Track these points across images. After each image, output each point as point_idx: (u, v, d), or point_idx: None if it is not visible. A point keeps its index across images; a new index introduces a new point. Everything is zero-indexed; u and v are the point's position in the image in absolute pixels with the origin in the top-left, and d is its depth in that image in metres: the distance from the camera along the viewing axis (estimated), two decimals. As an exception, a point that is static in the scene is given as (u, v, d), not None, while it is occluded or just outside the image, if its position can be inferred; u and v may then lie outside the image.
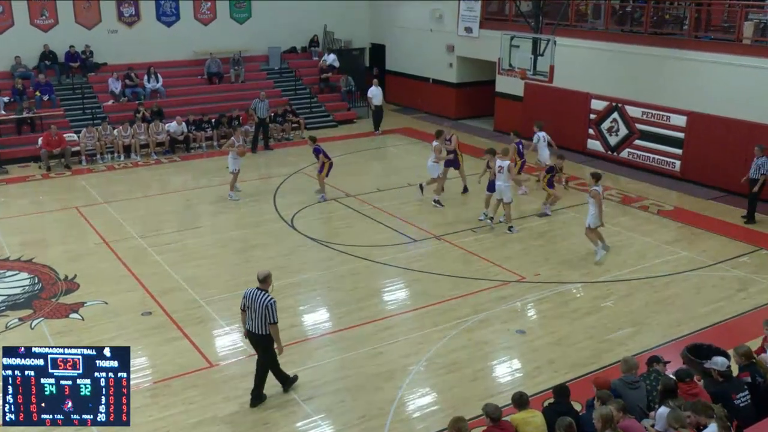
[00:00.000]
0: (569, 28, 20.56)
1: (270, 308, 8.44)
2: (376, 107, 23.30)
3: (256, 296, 8.51)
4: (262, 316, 8.48)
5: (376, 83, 23.35)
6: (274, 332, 8.60)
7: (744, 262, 13.29)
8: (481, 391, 9.18)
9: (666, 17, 19.82)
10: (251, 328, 8.63)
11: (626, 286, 12.25)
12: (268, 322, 8.48)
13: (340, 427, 8.52)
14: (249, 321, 8.64)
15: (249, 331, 8.71)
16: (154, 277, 12.56)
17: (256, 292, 8.54)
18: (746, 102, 16.61)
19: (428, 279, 12.52)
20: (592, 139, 20.38)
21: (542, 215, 15.58)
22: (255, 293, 8.54)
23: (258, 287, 8.59)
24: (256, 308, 8.49)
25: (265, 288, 8.59)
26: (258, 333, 8.60)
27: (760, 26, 17.35)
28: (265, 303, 8.44)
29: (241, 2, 25.35)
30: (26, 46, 21.80)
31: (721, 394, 7.32)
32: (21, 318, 11.09)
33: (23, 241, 14.23)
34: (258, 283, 8.61)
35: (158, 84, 22.90)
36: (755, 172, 14.90)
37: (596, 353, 10.08)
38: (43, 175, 18.93)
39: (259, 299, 8.48)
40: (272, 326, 8.53)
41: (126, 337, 10.53)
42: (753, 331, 10.05)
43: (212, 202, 16.75)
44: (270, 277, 8.69)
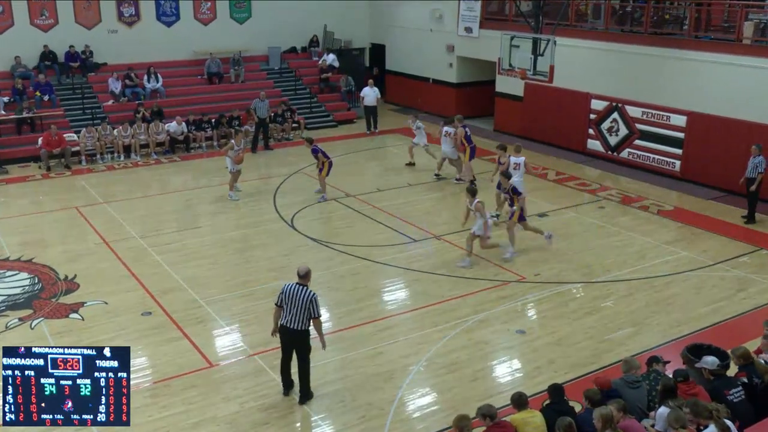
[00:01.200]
0: (569, 28, 20.56)
1: (314, 302, 8.48)
2: (367, 107, 23.17)
3: (296, 292, 8.49)
4: (304, 311, 8.45)
5: (371, 84, 23.29)
6: (317, 326, 8.65)
7: (744, 262, 13.30)
8: (481, 391, 9.18)
9: (666, 17, 19.81)
10: (288, 323, 8.54)
11: (626, 286, 12.25)
12: (312, 316, 8.49)
13: (340, 427, 8.52)
14: (286, 316, 8.56)
15: (285, 327, 8.61)
16: (154, 277, 12.57)
17: (296, 288, 8.53)
18: (746, 102, 16.61)
19: (428, 279, 12.52)
20: (592, 139, 20.37)
21: (542, 215, 15.58)
22: (295, 288, 8.52)
23: (298, 282, 8.59)
24: (296, 303, 8.46)
25: (306, 283, 8.60)
26: (297, 328, 8.53)
27: (760, 26, 17.34)
28: (309, 298, 8.46)
29: (241, 2, 25.35)
30: (26, 46, 21.81)
31: (713, 392, 7.35)
32: (21, 318, 11.09)
33: (23, 241, 14.24)
34: (298, 278, 8.63)
35: (158, 84, 22.90)
36: (752, 171, 14.91)
37: (596, 353, 10.09)
38: (43, 175, 18.94)
39: (299, 294, 8.46)
40: (315, 320, 8.56)
41: (126, 337, 10.53)
42: (753, 331, 10.04)
43: (212, 202, 16.76)
44: (310, 273, 8.73)
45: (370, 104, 23.07)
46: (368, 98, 23.03)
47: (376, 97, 23.01)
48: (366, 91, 23.04)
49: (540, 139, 21.62)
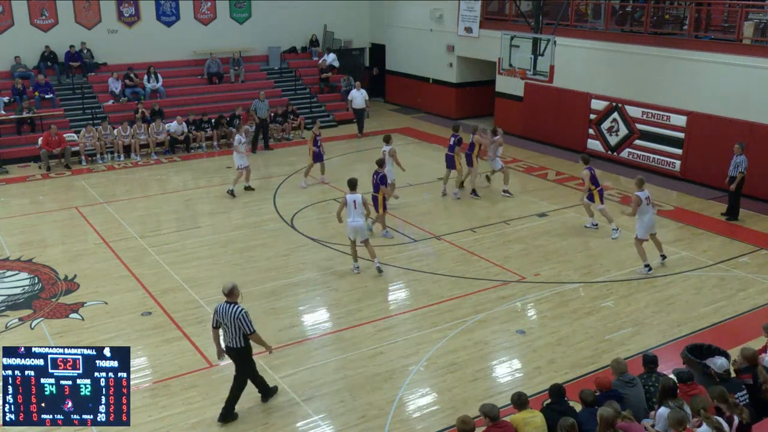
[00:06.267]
0: (569, 28, 20.55)
1: (243, 319, 8.19)
2: (355, 110, 22.96)
3: (227, 310, 8.25)
4: (237, 329, 8.24)
5: (359, 86, 23.16)
6: (256, 340, 8.40)
7: (744, 262, 13.29)
8: (481, 391, 9.18)
9: (666, 17, 19.80)
10: (228, 343, 8.39)
11: (626, 286, 12.24)
12: (245, 333, 8.26)
13: (340, 427, 8.51)
14: (226, 335, 8.37)
15: (227, 346, 8.44)
16: (154, 277, 12.57)
17: (226, 306, 8.26)
18: (746, 102, 16.60)
19: (428, 279, 12.51)
20: (592, 138, 20.36)
21: (541, 215, 15.59)
22: (225, 307, 8.28)
23: (226, 300, 8.30)
24: (229, 322, 8.24)
25: (234, 300, 8.29)
26: (235, 347, 8.36)
27: (760, 26, 17.33)
28: (237, 315, 8.18)
29: (241, 2, 25.34)
30: (26, 46, 21.81)
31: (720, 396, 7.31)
32: (21, 318, 11.08)
33: (23, 241, 14.23)
34: (225, 297, 8.33)
35: (158, 84, 22.89)
36: (734, 169, 14.94)
37: (596, 353, 10.08)
38: (43, 175, 18.93)
39: (230, 312, 8.22)
40: (252, 336, 8.32)
41: (126, 337, 10.53)
42: (753, 331, 10.04)
43: (212, 202, 16.75)
44: (236, 289, 8.35)
45: (359, 107, 22.90)
46: (356, 101, 22.87)
47: (364, 100, 22.84)
48: (353, 94, 22.92)
49: (540, 139, 21.63)
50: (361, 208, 12.33)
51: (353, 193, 12.36)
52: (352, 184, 12.47)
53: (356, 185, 12.51)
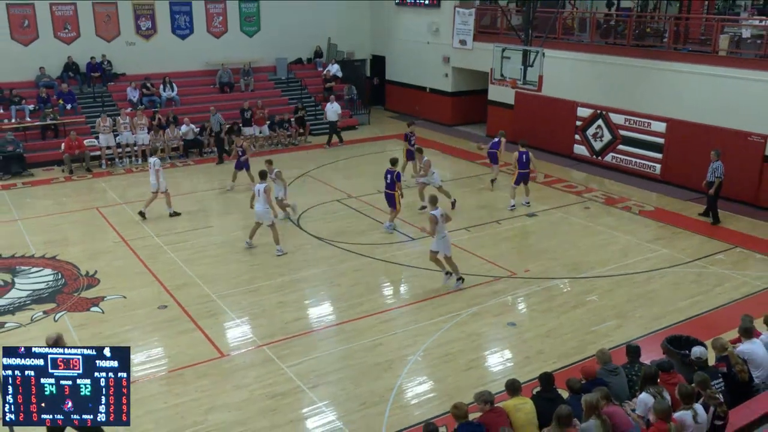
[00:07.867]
0: (557, 41, 20.55)
1: None
2: (330, 122, 22.40)
3: None
4: None
5: (332, 99, 22.88)
6: None
7: (720, 259, 13.29)
8: (475, 379, 9.17)
9: (647, 31, 19.80)
10: None
11: (609, 282, 12.23)
12: None
13: (343, 413, 8.51)
14: None
15: None
16: (169, 273, 12.56)
17: None
18: (722, 110, 16.60)
19: (425, 275, 12.50)
20: (579, 144, 20.37)
21: (531, 215, 15.58)
22: None
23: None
24: None
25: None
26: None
27: (735, 39, 17.33)
28: None
29: (250, 16, 25.35)
30: (50, 57, 21.79)
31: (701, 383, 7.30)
32: (45, 311, 11.08)
33: (47, 240, 14.22)
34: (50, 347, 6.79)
35: (173, 93, 22.89)
36: (711, 174, 14.93)
37: (582, 344, 10.07)
38: (66, 177, 18.92)
39: None
40: None
41: (142, 329, 10.52)
42: (728, 323, 10.04)
43: (222, 203, 16.73)
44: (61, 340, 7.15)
45: (332, 120, 22.44)
46: (328, 114, 22.47)
47: (336, 113, 22.44)
48: (327, 107, 22.60)
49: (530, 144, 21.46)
50: (264, 196, 13.18)
51: (261, 183, 13.32)
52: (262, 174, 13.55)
53: (266, 176, 13.59)
